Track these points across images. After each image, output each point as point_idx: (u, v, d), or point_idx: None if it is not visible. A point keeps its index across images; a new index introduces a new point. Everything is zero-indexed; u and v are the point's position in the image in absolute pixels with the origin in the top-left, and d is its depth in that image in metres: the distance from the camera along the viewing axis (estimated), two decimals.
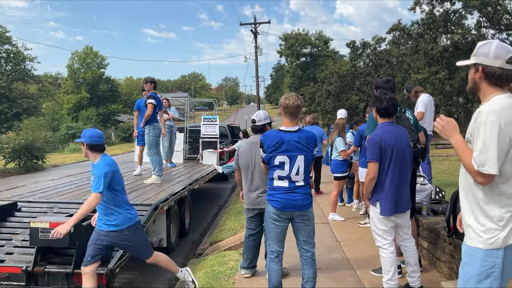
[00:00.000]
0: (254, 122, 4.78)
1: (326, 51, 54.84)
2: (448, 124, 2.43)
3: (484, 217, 2.31)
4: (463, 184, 2.45)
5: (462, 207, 2.46)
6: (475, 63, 2.38)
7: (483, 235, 2.31)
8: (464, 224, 2.43)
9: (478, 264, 2.31)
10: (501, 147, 2.20)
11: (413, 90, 7.67)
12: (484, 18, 30.14)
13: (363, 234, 6.40)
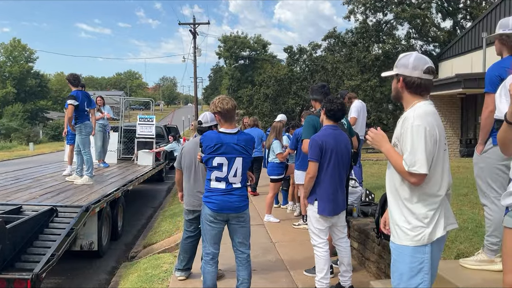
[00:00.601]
0: (201, 123, 4.76)
1: (264, 54, 55.50)
2: (377, 136, 2.59)
3: (411, 215, 2.45)
4: (390, 186, 2.59)
5: (389, 207, 2.59)
6: (396, 73, 2.55)
7: (410, 233, 2.44)
8: (393, 223, 2.55)
9: (408, 261, 2.44)
10: (428, 148, 2.36)
11: (347, 97, 7.95)
12: (413, 29, 31.91)
13: (297, 235, 6.53)
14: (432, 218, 2.43)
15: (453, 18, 32.78)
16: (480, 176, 3.62)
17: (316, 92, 5.26)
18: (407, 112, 2.49)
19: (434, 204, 2.44)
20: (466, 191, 6.69)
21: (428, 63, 2.50)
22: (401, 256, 2.48)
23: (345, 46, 31.96)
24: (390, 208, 2.59)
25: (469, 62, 20.45)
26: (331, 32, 32.82)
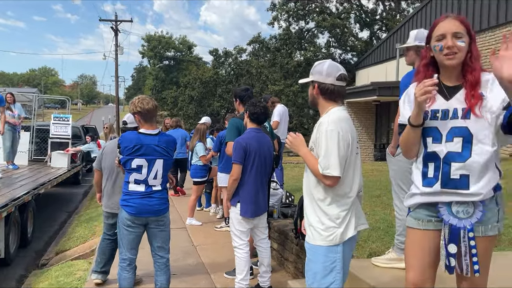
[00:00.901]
0: (125, 124, 4.59)
1: (189, 56, 55.01)
2: (296, 140, 2.68)
3: (324, 216, 2.55)
4: (306, 188, 2.69)
5: (305, 209, 2.68)
6: (312, 80, 2.64)
7: (323, 233, 2.54)
8: (308, 224, 2.64)
9: (322, 260, 2.53)
10: (341, 152, 2.47)
11: (270, 101, 8.08)
12: (333, 38, 33.26)
13: (219, 237, 6.52)
14: (344, 218, 2.54)
15: (370, 29, 34.64)
16: (394, 178, 3.83)
17: (239, 95, 5.29)
18: (322, 117, 2.60)
19: (346, 205, 2.55)
20: (378, 193, 7.05)
21: (341, 71, 2.62)
22: (315, 255, 2.56)
23: (269, 51, 32.58)
24: (306, 210, 2.67)
25: (384, 71, 21.69)
26: (255, 37, 33.32)
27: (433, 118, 2.12)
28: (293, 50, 31.30)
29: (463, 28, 2.08)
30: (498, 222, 2.07)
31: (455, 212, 2.06)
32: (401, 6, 33.51)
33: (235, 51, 34.93)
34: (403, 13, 32.41)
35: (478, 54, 2.10)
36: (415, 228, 2.21)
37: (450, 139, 2.06)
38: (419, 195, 2.18)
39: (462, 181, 2.04)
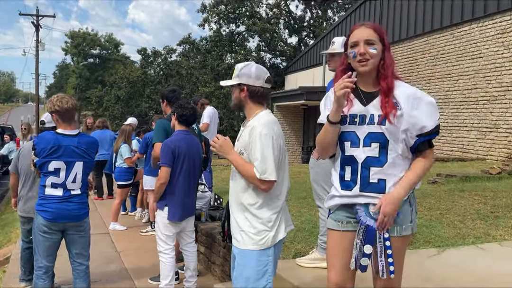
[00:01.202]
0: (43, 123, 4.31)
1: (116, 54, 53.29)
2: (225, 143, 2.63)
3: (256, 220, 2.54)
4: (233, 194, 2.66)
5: (233, 214, 2.64)
6: (239, 83, 2.61)
7: (255, 237, 2.52)
8: (237, 229, 2.60)
9: (254, 265, 2.52)
10: (275, 156, 2.49)
11: (200, 103, 8.02)
12: (263, 42, 33.70)
13: (145, 242, 6.34)
14: (275, 221, 2.55)
15: (299, 35, 35.53)
16: (316, 180, 3.93)
17: (166, 96, 5.20)
18: (252, 121, 2.58)
19: (276, 208, 2.57)
20: (305, 194, 7.22)
21: (267, 73, 2.65)
22: (246, 260, 2.54)
23: (199, 53, 32.38)
24: (234, 215, 2.64)
25: (312, 76, 22.33)
26: (186, 38, 32.97)
27: (352, 122, 2.18)
28: (224, 52, 31.34)
29: (376, 36, 2.16)
30: (412, 222, 2.18)
31: (373, 214, 2.14)
32: (327, 14, 34.71)
33: (164, 51, 34.34)
34: (329, 21, 33.59)
35: (391, 62, 2.18)
36: (335, 230, 2.26)
37: (368, 144, 2.14)
38: (338, 197, 2.24)
39: (380, 185, 2.12)
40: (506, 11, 11.06)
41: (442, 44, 13.31)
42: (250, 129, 2.54)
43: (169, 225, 4.11)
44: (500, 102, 11.23)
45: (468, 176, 8.14)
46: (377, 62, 2.16)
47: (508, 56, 11.02)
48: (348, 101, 2.17)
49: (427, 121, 2.10)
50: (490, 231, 4.83)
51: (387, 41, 2.21)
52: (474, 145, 12.06)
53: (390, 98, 2.11)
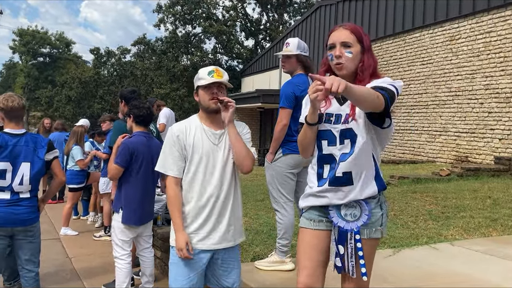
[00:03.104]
0: None
1: (68, 54, 51.58)
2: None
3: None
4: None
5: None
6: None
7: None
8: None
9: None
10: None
11: (156, 104, 7.89)
12: (219, 45, 33.64)
13: (98, 248, 6.13)
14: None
15: (255, 38, 35.74)
16: (271, 183, 3.93)
17: (126, 97, 5.07)
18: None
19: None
20: (262, 197, 7.22)
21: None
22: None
23: (155, 54, 31.92)
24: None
25: (268, 79, 22.47)
26: (141, 38, 32.43)
27: (328, 121, 2.19)
28: (180, 54, 31.04)
29: (353, 37, 2.14)
30: (381, 226, 2.18)
31: (344, 215, 2.14)
32: (283, 18, 35.13)
33: (118, 51, 33.64)
34: (285, 25, 33.98)
35: (370, 64, 2.16)
36: (307, 228, 2.25)
37: (342, 141, 2.15)
38: (312, 196, 2.23)
39: (344, 177, 2.12)
40: (454, 19, 11.55)
41: (395, 49, 13.73)
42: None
43: (125, 229, 3.98)
44: (449, 107, 11.71)
45: (419, 178, 8.42)
46: (355, 64, 2.15)
47: (456, 63, 11.50)
48: (327, 100, 2.17)
49: (378, 83, 2.06)
50: (442, 231, 5.00)
51: (367, 42, 2.18)
52: (424, 148, 12.50)
53: None
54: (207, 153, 2.55)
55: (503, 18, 10.24)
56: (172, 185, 2.55)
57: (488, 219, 5.41)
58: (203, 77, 2.55)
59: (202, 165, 2.54)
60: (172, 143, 2.55)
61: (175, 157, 2.54)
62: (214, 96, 2.54)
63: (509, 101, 10.05)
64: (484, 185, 7.69)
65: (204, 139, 2.57)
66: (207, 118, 2.61)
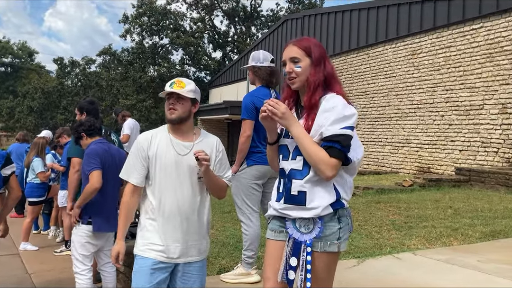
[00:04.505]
0: None
1: (30, 63, 50.34)
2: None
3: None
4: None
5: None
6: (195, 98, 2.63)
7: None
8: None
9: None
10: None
11: (121, 114, 7.78)
12: (187, 56, 33.58)
13: (58, 263, 5.94)
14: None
15: (223, 50, 35.87)
16: (237, 194, 3.93)
17: (85, 108, 4.97)
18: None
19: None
20: (229, 208, 7.19)
21: None
22: None
23: (121, 64, 31.55)
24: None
25: (236, 91, 22.54)
26: (106, 49, 32.00)
27: (286, 136, 2.20)
28: (147, 64, 30.79)
29: (300, 52, 2.16)
30: (339, 240, 2.13)
31: (298, 227, 2.14)
32: (251, 31, 35.42)
33: (83, 61, 33.05)
34: (253, 37, 34.26)
35: (317, 77, 2.13)
36: (270, 239, 2.26)
37: (294, 157, 2.14)
38: (272, 208, 2.24)
39: (299, 197, 2.11)
40: (416, 34, 11.94)
41: (359, 63, 14.05)
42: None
43: (87, 244, 3.87)
44: (411, 119, 12.03)
45: (383, 189, 8.59)
46: (305, 78, 2.17)
47: (418, 76, 11.86)
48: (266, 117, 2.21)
49: (328, 127, 2.04)
50: (405, 240, 5.09)
51: (316, 54, 2.17)
52: (388, 159, 12.78)
53: (312, 113, 2.11)
54: (171, 164, 2.49)
55: (462, 33, 10.66)
56: (129, 192, 2.53)
57: (449, 229, 5.56)
58: (166, 88, 2.54)
59: (165, 176, 2.49)
60: (136, 152, 2.53)
61: (137, 166, 2.51)
62: (171, 107, 2.51)
63: (469, 114, 10.42)
64: (445, 195, 7.92)
65: (169, 149, 2.51)
66: (173, 129, 2.57)
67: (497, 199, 7.43)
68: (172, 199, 2.49)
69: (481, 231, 5.42)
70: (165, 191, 2.49)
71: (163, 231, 2.48)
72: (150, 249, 2.48)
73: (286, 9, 34.26)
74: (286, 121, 2.09)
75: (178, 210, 2.49)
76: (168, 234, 2.48)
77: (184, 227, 2.50)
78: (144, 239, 2.51)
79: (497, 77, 9.80)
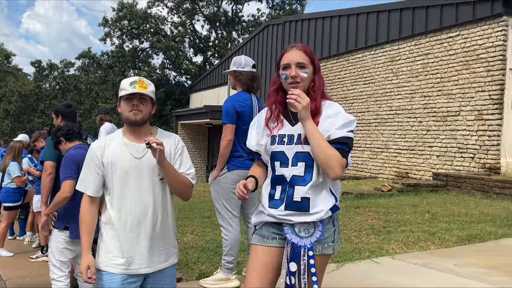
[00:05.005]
0: None
1: (7, 66, 49.32)
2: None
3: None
4: None
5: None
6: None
7: None
8: None
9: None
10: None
11: (99, 117, 7.67)
12: (168, 60, 33.42)
13: (34, 269, 5.81)
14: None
15: (204, 55, 35.81)
16: (217, 199, 3.91)
17: (61, 112, 4.89)
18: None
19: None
20: (209, 213, 7.17)
21: None
22: None
23: (100, 68, 31.23)
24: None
25: (217, 95, 22.51)
26: (85, 52, 31.65)
27: (280, 142, 2.20)
28: (127, 68, 30.54)
29: (307, 58, 2.21)
30: (333, 242, 2.19)
31: (298, 231, 2.14)
32: (232, 36, 35.47)
33: (62, 64, 32.59)
34: (234, 43, 34.31)
35: (321, 84, 2.24)
36: (259, 245, 2.23)
37: (295, 163, 2.16)
38: (265, 214, 2.22)
39: (303, 203, 2.13)
40: (395, 41, 12.13)
41: (339, 69, 14.19)
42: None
43: (64, 250, 3.80)
44: (390, 125, 12.20)
45: (362, 194, 8.67)
46: (308, 84, 2.21)
47: (396, 83, 12.04)
48: (279, 121, 2.23)
49: (336, 131, 2.12)
50: (383, 245, 5.15)
51: (318, 63, 2.26)
52: (367, 164, 12.92)
53: (316, 119, 2.15)
54: (128, 169, 2.33)
55: (440, 41, 10.87)
56: (87, 203, 2.39)
57: (427, 233, 5.64)
58: (125, 87, 2.36)
59: (123, 183, 2.33)
60: (91, 161, 2.40)
61: (93, 175, 2.38)
62: (134, 108, 2.34)
63: (446, 120, 10.62)
64: (423, 200, 8.03)
65: (124, 154, 2.35)
66: (130, 131, 2.41)
67: (473, 204, 7.57)
68: (133, 207, 2.32)
69: (457, 235, 5.52)
70: (124, 199, 2.33)
71: (127, 242, 2.31)
72: (115, 264, 2.30)
73: (267, 15, 34.46)
74: (306, 113, 2.11)
75: (141, 218, 2.33)
76: (132, 246, 2.31)
77: (149, 235, 2.33)
78: (107, 252, 2.32)
79: (473, 84, 10.02)
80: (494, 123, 9.54)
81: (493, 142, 9.53)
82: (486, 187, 8.49)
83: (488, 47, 9.70)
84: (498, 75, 9.47)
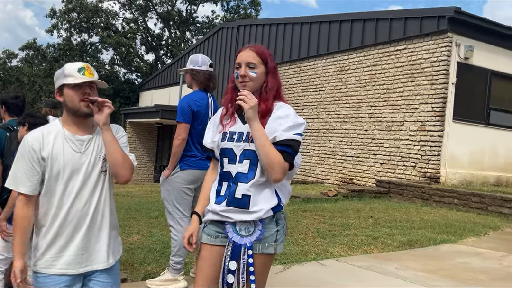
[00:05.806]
0: None
1: None
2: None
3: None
4: None
5: None
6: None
7: None
8: None
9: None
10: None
11: (44, 110, 7.36)
12: (118, 56, 32.58)
13: None
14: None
15: (156, 53, 35.22)
16: (167, 198, 3.87)
17: (7, 103, 4.66)
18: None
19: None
20: (157, 214, 7.05)
21: None
22: None
23: (45, 60, 30.00)
24: None
25: (168, 95, 22.19)
26: (30, 43, 30.30)
27: (230, 139, 2.22)
28: (74, 62, 29.50)
29: (258, 59, 2.24)
30: (276, 242, 2.19)
31: (239, 230, 2.16)
32: (186, 36, 35.13)
33: (4, 54, 30.98)
34: (187, 43, 34.00)
35: (274, 85, 2.26)
36: (205, 244, 2.24)
37: (241, 160, 2.18)
38: (211, 212, 2.23)
39: (243, 200, 2.14)
40: (345, 51, 12.47)
41: (291, 75, 14.41)
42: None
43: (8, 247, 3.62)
44: (337, 132, 12.52)
45: (309, 198, 8.83)
46: (259, 84, 2.24)
47: (345, 91, 12.38)
48: (232, 118, 2.26)
49: (282, 132, 2.13)
50: (329, 248, 5.27)
51: (272, 64, 2.29)
52: (314, 170, 13.18)
53: (266, 119, 2.18)
54: (70, 164, 2.16)
55: (388, 53, 11.29)
56: (21, 204, 2.14)
57: (370, 237, 5.83)
58: (72, 74, 2.18)
59: (64, 179, 2.15)
60: (25, 155, 2.14)
61: (28, 172, 2.13)
62: (86, 97, 2.17)
63: (390, 129, 11.03)
64: (367, 205, 8.30)
65: (65, 147, 2.17)
66: (73, 122, 2.22)
67: (414, 211, 7.91)
68: (75, 204, 2.18)
69: (399, 240, 5.74)
70: (65, 195, 2.17)
71: (67, 240, 2.16)
72: (53, 264, 2.15)
73: (222, 17, 34.41)
74: (252, 113, 2.11)
75: (82, 215, 2.19)
76: (72, 244, 2.17)
77: (90, 232, 2.21)
78: (44, 254, 2.15)
79: (417, 96, 10.47)
80: (436, 135, 10.01)
81: (434, 153, 10.00)
82: (426, 195, 8.90)
83: (433, 61, 10.18)
84: (441, 89, 9.96)
